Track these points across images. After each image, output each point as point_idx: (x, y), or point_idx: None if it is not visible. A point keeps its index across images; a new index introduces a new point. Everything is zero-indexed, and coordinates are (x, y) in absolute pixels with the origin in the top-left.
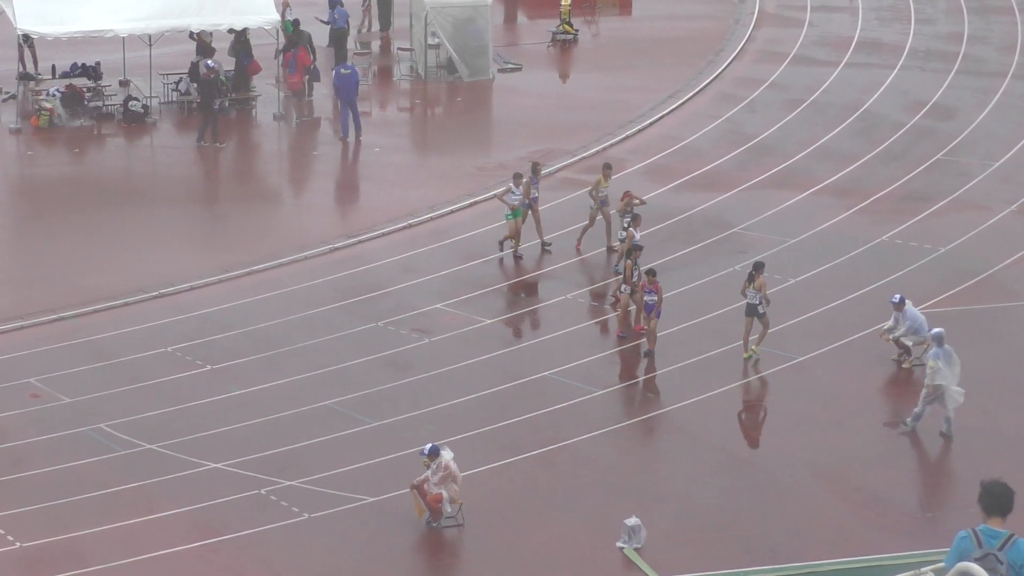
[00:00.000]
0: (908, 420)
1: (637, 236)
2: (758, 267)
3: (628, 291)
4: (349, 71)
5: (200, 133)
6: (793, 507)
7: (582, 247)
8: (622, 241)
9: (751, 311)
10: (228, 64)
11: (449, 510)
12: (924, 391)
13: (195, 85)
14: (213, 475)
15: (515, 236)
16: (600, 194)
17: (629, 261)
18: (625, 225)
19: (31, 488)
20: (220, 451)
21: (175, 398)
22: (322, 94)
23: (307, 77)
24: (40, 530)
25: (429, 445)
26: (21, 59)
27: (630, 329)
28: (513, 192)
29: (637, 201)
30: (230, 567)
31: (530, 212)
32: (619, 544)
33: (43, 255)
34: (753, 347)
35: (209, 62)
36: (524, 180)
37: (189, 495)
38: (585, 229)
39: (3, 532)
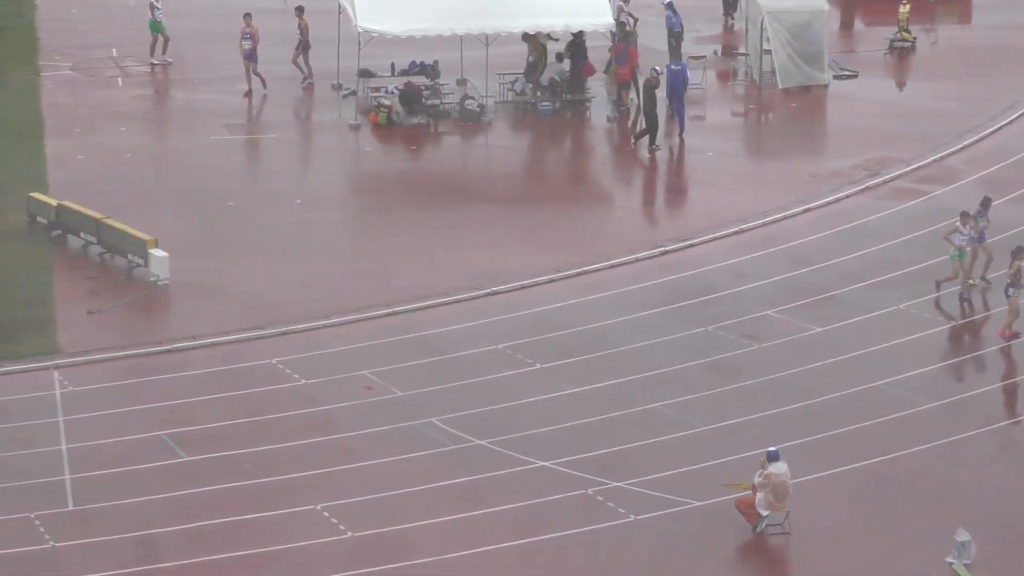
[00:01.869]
0: None
1: None
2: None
3: (1016, 294)
4: (679, 68)
5: (651, 138)
6: None
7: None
8: None
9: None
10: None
11: (763, 513)
12: None
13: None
14: (540, 473)
15: (955, 277)
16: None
17: (1019, 262)
18: None
19: (363, 479)
20: (548, 449)
21: (504, 395)
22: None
23: (636, 71)
24: (370, 520)
25: (772, 448)
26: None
27: None
28: (960, 232)
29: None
30: (555, 566)
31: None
32: (948, 559)
33: (378, 250)
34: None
35: (656, 68)
36: (972, 216)
37: (516, 492)
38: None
39: (335, 521)
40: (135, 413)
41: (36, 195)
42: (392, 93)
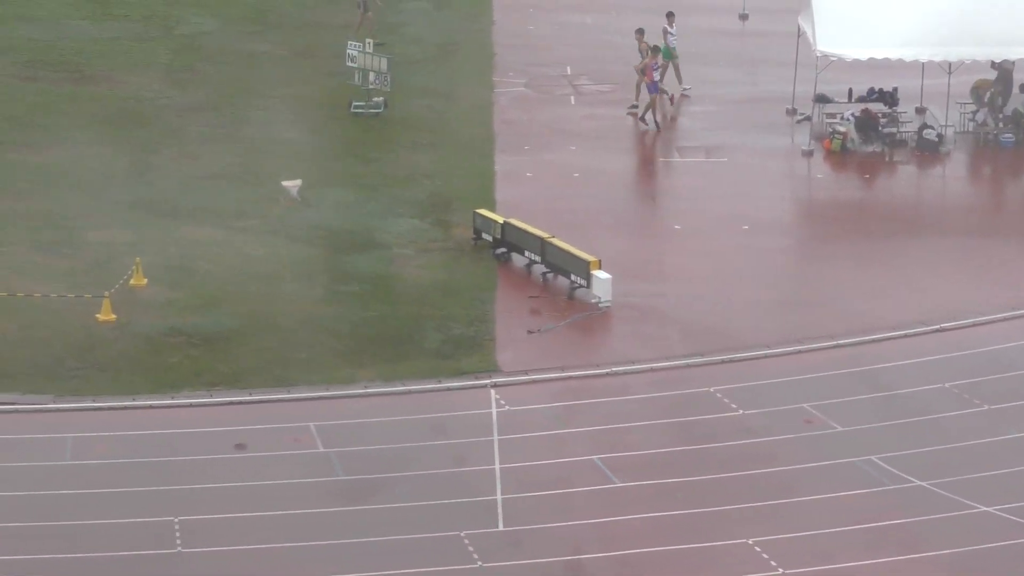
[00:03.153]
0: None
1: None
2: None
3: None
4: None
5: None
6: None
7: None
8: None
9: None
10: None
11: None
12: None
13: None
14: (983, 519)
15: None
16: None
17: None
18: None
19: (797, 514)
20: (992, 494)
21: (949, 436)
22: None
23: None
24: (803, 558)
25: None
26: None
27: None
28: None
29: None
30: None
31: None
32: None
33: (824, 279)
34: None
35: None
36: None
37: (956, 537)
38: None
39: (767, 556)
40: (569, 436)
41: (482, 212)
42: (848, 120)
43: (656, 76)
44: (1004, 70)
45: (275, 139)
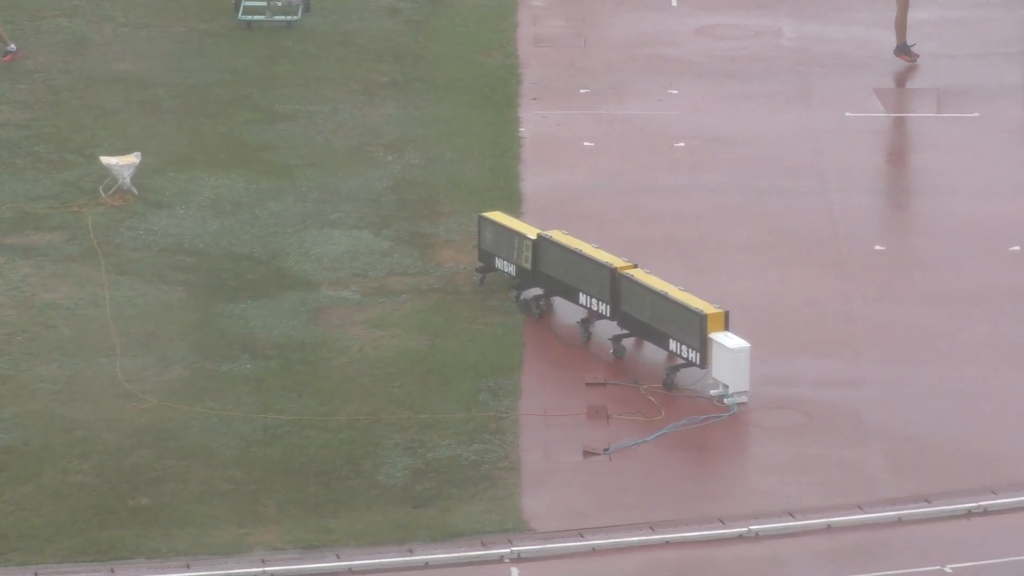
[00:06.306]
0: None
1: None
2: None
3: None
4: None
5: None
6: None
7: None
8: None
9: None
10: None
11: None
12: None
13: None
14: None
15: None
16: None
17: None
18: None
19: None
20: None
21: None
22: None
23: None
24: None
25: None
26: None
27: None
28: None
29: None
30: None
31: None
32: None
33: None
34: None
35: None
36: None
37: None
38: None
39: None
40: None
41: (496, 217)
42: None
43: None
44: None
45: (95, 75)
